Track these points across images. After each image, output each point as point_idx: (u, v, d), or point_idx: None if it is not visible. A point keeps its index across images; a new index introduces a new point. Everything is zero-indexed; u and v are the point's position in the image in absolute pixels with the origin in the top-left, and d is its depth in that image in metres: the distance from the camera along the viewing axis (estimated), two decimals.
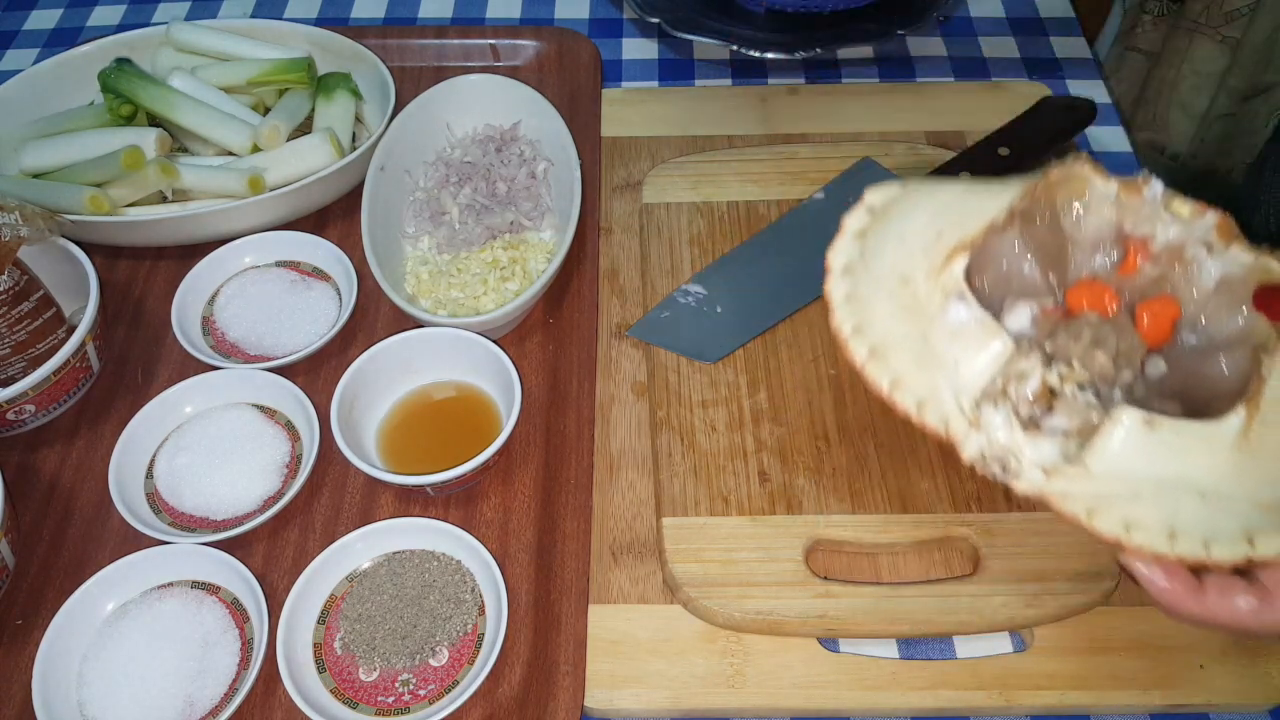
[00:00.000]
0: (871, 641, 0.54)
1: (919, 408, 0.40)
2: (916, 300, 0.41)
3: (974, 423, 0.39)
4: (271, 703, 0.53)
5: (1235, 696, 0.51)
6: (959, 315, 0.40)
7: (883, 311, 0.42)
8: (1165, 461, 0.37)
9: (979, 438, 0.39)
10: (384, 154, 0.70)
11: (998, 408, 0.39)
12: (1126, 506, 0.37)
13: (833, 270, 0.44)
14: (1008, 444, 0.38)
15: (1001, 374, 0.39)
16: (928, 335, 0.40)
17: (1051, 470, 0.38)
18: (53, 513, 0.60)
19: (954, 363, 0.39)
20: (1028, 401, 0.38)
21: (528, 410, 0.63)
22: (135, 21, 0.94)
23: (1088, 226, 0.42)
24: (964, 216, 0.41)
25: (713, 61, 0.87)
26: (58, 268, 0.65)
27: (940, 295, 0.40)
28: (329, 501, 0.60)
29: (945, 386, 0.40)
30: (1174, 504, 0.36)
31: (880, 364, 0.41)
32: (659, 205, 0.72)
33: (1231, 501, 0.36)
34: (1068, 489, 0.38)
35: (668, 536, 0.56)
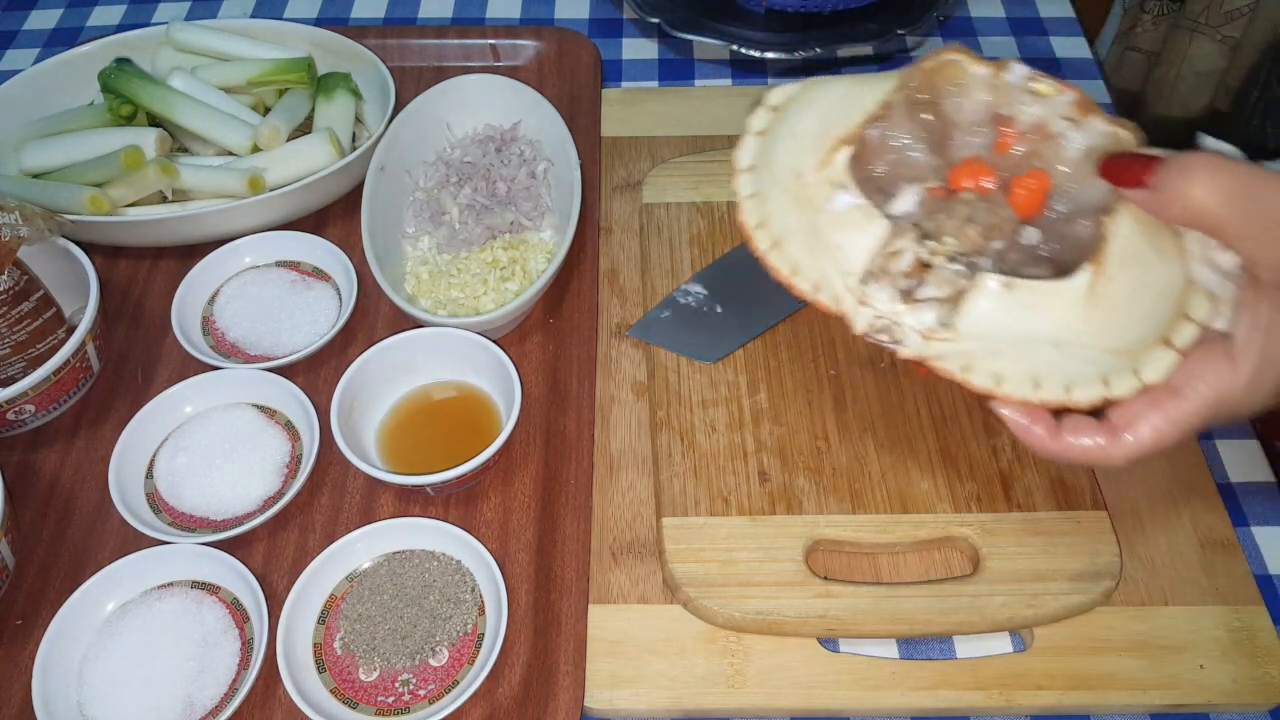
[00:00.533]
0: (871, 641, 0.54)
1: (815, 289, 0.45)
2: (806, 193, 0.45)
3: (861, 299, 0.43)
4: (271, 703, 0.53)
5: (1235, 696, 0.51)
6: (842, 203, 0.44)
7: (780, 205, 0.46)
8: (1024, 319, 0.41)
9: (866, 312, 0.43)
10: (384, 154, 0.70)
11: (879, 284, 0.43)
12: (993, 361, 0.41)
13: (738, 169, 0.48)
14: (890, 315, 0.43)
15: (881, 253, 0.43)
16: (816, 225, 0.44)
17: (929, 335, 0.42)
18: (53, 513, 0.60)
19: (839, 246, 0.44)
20: (903, 275, 0.42)
21: (528, 410, 0.63)
22: (135, 21, 0.94)
23: (965, 110, 0.46)
24: (848, 111, 0.45)
25: (713, 61, 0.87)
26: (58, 268, 0.65)
27: (826, 187, 0.44)
28: (329, 501, 0.60)
29: (834, 269, 0.44)
30: (1034, 356, 0.41)
31: (780, 253, 0.46)
32: (659, 205, 0.72)
33: (1085, 349, 0.41)
34: (944, 351, 0.42)
35: (668, 536, 0.56)
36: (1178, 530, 0.57)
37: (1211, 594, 0.54)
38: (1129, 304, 0.41)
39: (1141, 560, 0.56)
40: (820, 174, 0.44)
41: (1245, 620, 0.53)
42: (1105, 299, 0.41)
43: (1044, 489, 0.57)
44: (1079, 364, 0.41)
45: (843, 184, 0.44)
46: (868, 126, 0.45)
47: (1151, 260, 0.41)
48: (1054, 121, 0.44)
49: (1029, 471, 0.58)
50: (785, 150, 0.46)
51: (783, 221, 0.46)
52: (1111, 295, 0.41)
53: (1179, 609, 0.54)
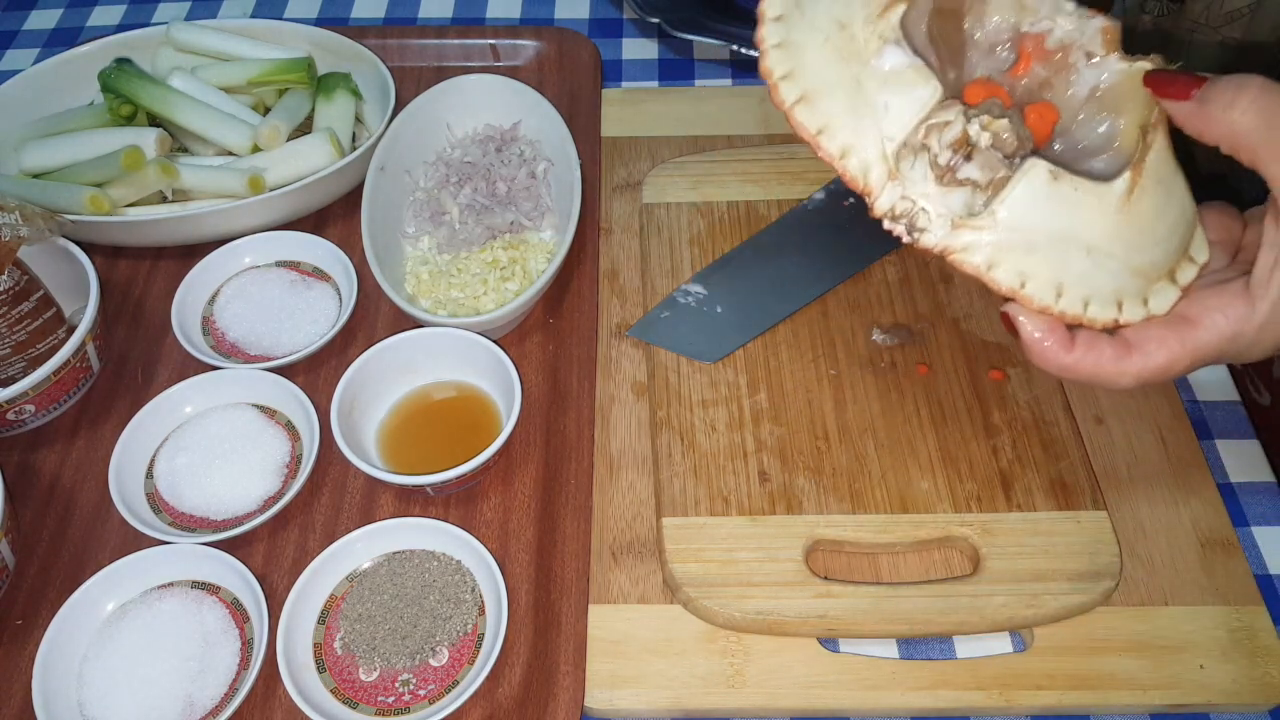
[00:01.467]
0: (871, 641, 0.54)
1: (842, 153, 0.40)
2: (853, 46, 0.41)
3: (892, 174, 0.40)
4: (271, 703, 0.53)
5: (1235, 696, 0.51)
6: (894, 58, 0.40)
7: (817, 58, 0.42)
8: (1063, 215, 0.39)
9: (894, 190, 0.40)
10: (384, 154, 0.70)
11: (916, 159, 0.40)
12: (1023, 259, 0.39)
13: (765, 17, 0.44)
14: (919, 196, 0.40)
15: (926, 121, 0.39)
16: (861, 80, 0.40)
17: (958, 223, 0.39)
18: (53, 513, 0.60)
19: (884, 107, 0.40)
20: (948, 149, 0.39)
21: (528, 410, 0.63)
22: (135, 21, 0.94)
23: (990, 24, 0.44)
24: None
25: (713, 61, 0.87)
26: (58, 268, 0.65)
27: (877, 40, 0.40)
28: (329, 501, 0.60)
29: (871, 134, 0.40)
30: (1064, 258, 0.39)
31: (809, 108, 0.41)
32: (659, 205, 0.72)
33: (1111, 260, 0.39)
34: (971, 241, 0.39)
35: (668, 536, 0.56)
36: (1178, 530, 0.57)
37: (1211, 594, 0.54)
38: (1153, 223, 0.40)
39: (1141, 560, 0.56)
40: (871, 27, 0.40)
41: (1245, 620, 0.53)
42: (1136, 211, 0.40)
43: (1044, 489, 0.57)
44: (1104, 278, 0.40)
45: (897, 38, 0.40)
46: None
47: (1173, 186, 0.40)
48: (1074, 51, 0.42)
49: (1029, 471, 0.58)
50: (828, 2, 0.42)
51: (818, 74, 0.41)
52: (1141, 209, 0.40)
53: (1179, 609, 0.54)
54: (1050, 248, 0.39)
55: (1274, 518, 0.59)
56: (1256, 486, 0.61)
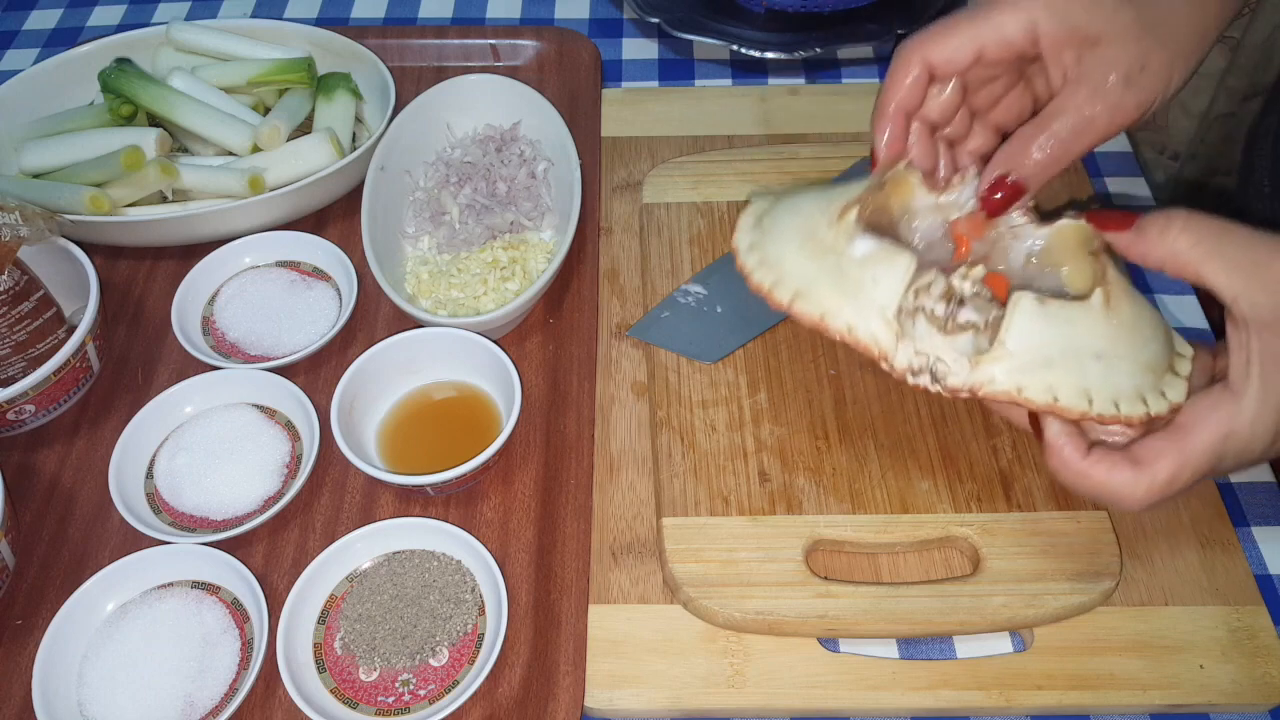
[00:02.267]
0: (871, 641, 0.54)
1: (849, 330, 0.45)
2: (824, 245, 0.46)
3: (899, 333, 0.44)
4: (271, 703, 0.53)
5: (1235, 696, 0.51)
6: (865, 244, 0.45)
7: (796, 262, 0.47)
8: (1064, 332, 0.42)
9: (906, 347, 0.44)
10: (384, 154, 0.71)
11: (915, 319, 0.44)
12: (1045, 375, 0.42)
13: (739, 247, 0.50)
14: (931, 347, 0.43)
15: (912, 286, 0.44)
16: (843, 268, 0.45)
17: (975, 360, 0.43)
18: (53, 513, 0.60)
19: (872, 281, 0.44)
20: (940, 302, 0.43)
21: (528, 410, 0.63)
22: (135, 21, 0.94)
23: (922, 226, 0.49)
24: (832, 201, 0.48)
25: (713, 61, 0.87)
26: (58, 268, 0.65)
27: (845, 236, 0.45)
28: (329, 501, 0.60)
29: (868, 307, 0.44)
30: (1080, 368, 0.42)
31: (806, 301, 0.46)
32: (659, 205, 0.72)
33: (1121, 361, 0.43)
34: (993, 373, 0.42)
35: (668, 536, 0.56)
36: (1178, 530, 0.57)
37: (1211, 594, 0.54)
38: (1139, 323, 0.44)
39: (1141, 560, 0.56)
40: (835, 229, 0.46)
41: (1245, 620, 0.53)
42: (1121, 317, 0.43)
43: (1044, 489, 0.57)
44: (1121, 378, 0.42)
45: (861, 230, 0.45)
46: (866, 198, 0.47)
47: (1136, 295, 0.45)
48: (1001, 226, 0.48)
49: (1029, 471, 0.58)
50: (788, 222, 0.48)
51: (803, 274, 0.47)
52: (1124, 314, 0.43)
53: (1179, 609, 0.54)
54: (1065, 361, 0.42)
55: (1274, 518, 0.59)
56: (1256, 486, 0.60)
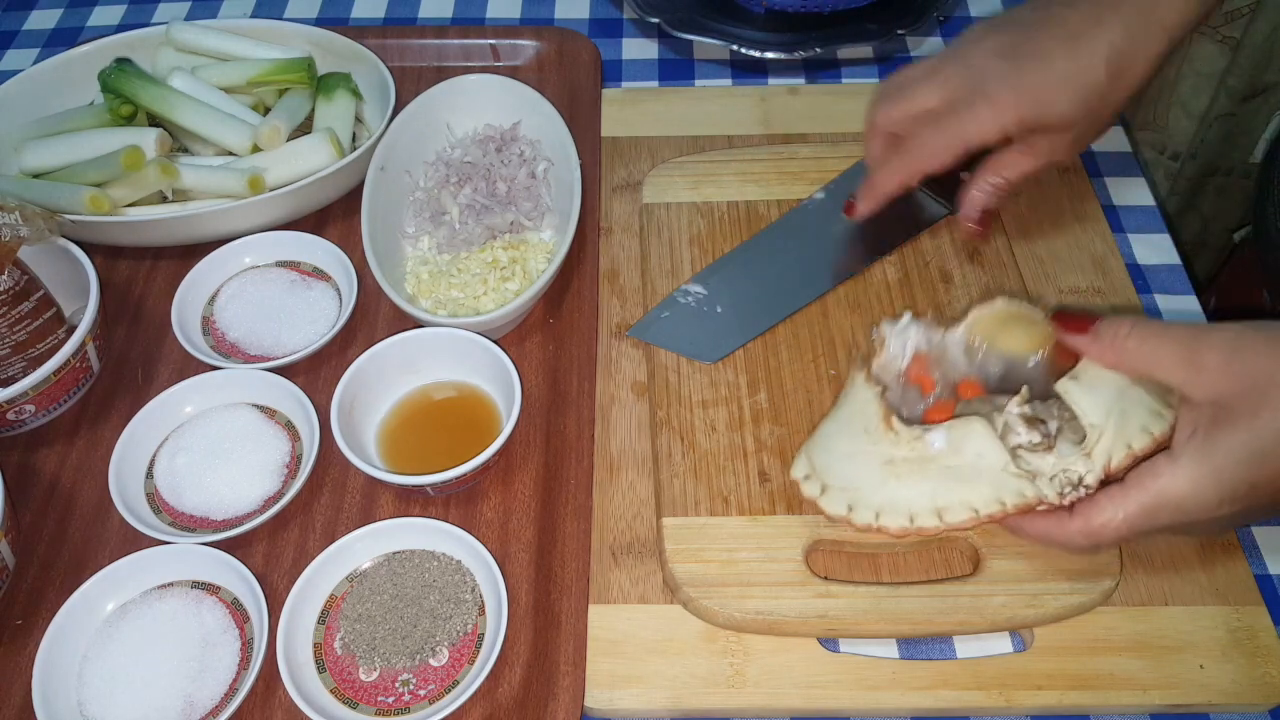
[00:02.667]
0: (871, 641, 0.54)
1: (976, 513, 0.49)
2: (908, 460, 0.50)
3: (1033, 476, 0.48)
4: (271, 703, 0.53)
5: (1235, 696, 0.51)
6: (938, 438, 0.49)
7: (885, 491, 0.51)
8: (1103, 387, 0.48)
9: (1045, 482, 0.47)
10: (384, 154, 0.71)
11: (1019, 458, 0.48)
12: (1127, 426, 0.47)
13: (804, 491, 0.54)
14: (1053, 468, 0.47)
15: (1001, 438, 0.48)
16: (942, 472, 0.49)
17: (1089, 446, 0.47)
18: (53, 513, 0.60)
19: (976, 458, 0.48)
20: (1031, 433, 0.48)
21: (528, 410, 0.63)
22: (135, 21, 0.94)
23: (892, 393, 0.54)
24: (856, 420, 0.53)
25: (713, 61, 0.87)
26: (58, 268, 0.65)
27: (909, 445, 0.50)
28: (329, 501, 0.60)
29: (987, 479, 0.48)
30: (1128, 412, 0.47)
31: (954, 512, 0.49)
32: (659, 205, 0.72)
33: (1142, 400, 0.48)
34: (1107, 449, 0.47)
35: (668, 536, 0.56)
36: None
37: (1211, 594, 0.54)
38: (1120, 376, 0.49)
39: (1141, 560, 0.56)
40: (895, 437, 0.50)
41: (1245, 620, 0.53)
42: (1099, 377, 0.48)
43: None
44: (1145, 413, 0.47)
45: (918, 433, 0.50)
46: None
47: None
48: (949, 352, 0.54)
49: None
50: (841, 455, 0.52)
51: (891, 493, 0.50)
52: (1098, 375, 0.48)
53: (1179, 609, 0.54)
54: (1123, 406, 0.47)
55: (1274, 517, 0.59)
56: None
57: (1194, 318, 0.68)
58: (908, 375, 0.54)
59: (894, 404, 0.53)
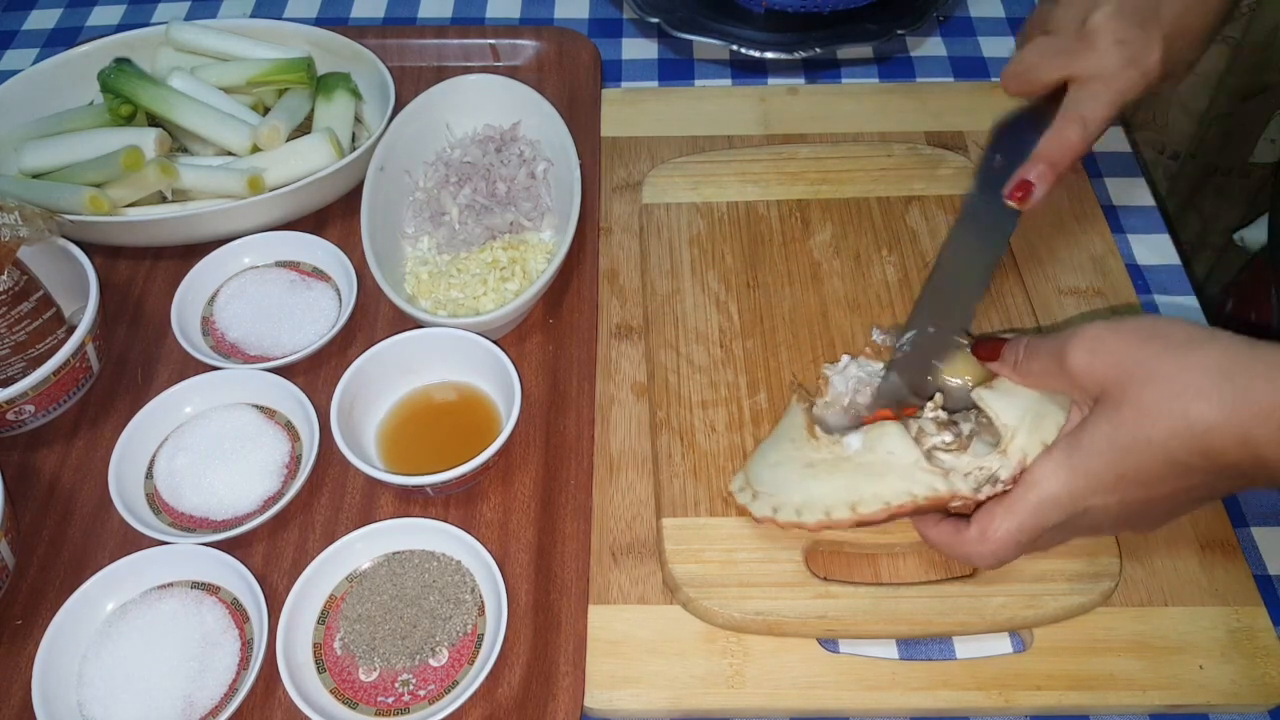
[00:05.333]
0: (871, 642, 0.54)
1: (888, 505, 0.49)
2: (826, 462, 0.52)
3: (946, 472, 0.49)
4: (271, 703, 0.53)
5: (1235, 697, 0.51)
6: (854, 440, 0.51)
7: (806, 490, 0.52)
8: (1017, 395, 0.49)
9: (958, 478, 0.49)
10: (384, 154, 0.71)
11: (933, 457, 0.50)
12: (1040, 426, 0.48)
13: (744, 503, 0.55)
14: (968, 465, 0.49)
15: (914, 439, 0.50)
16: (855, 469, 0.51)
17: (1004, 445, 0.48)
18: (53, 513, 0.60)
19: (888, 455, 0.50)
20: (944, 433, 0.50)
21: (528, 411, 0.63)
22: (135, 21, 0.94)
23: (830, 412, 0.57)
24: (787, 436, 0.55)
25: (713, 61, 0.87)
26: (58, 268, 0.65)
27: (828, 447, 0.52)
28: (329, 501, 0.60)
29: (900, 474, 0.49)
30: (1048, 412, 0.48)
31: (869, 506, 0.50)
32: (659, 205, 0.72)
33: (1056, 406, 0.49)
34: (1022, 447, 0.47)
35: (668, 537, 0.56)
36: (1177, 530, 0.57)
37: (1211, 594, 0.54)
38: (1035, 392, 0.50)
39: (1141, 560, 0.56)
40: (814, 444, 0.52)
41: (1245, 621, 0.53)
42: (1015, 390, 0.50)
43: None
44: (1060, 414, 0.48)
45: (836, 437, 0.52)
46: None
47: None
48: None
49: None
50: (783, 471, 0.54)
51: (811, 492, 0.52)
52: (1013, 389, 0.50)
53: (1179, 609, 0.54)
54: (1039, 414, 0.48)
55: (1274, 518, 0.59)
56: None
57: (1194, 317, 0.68)
58: (864, 420, 0.55)
59: (829, 424, 0.55)
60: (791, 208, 0.72)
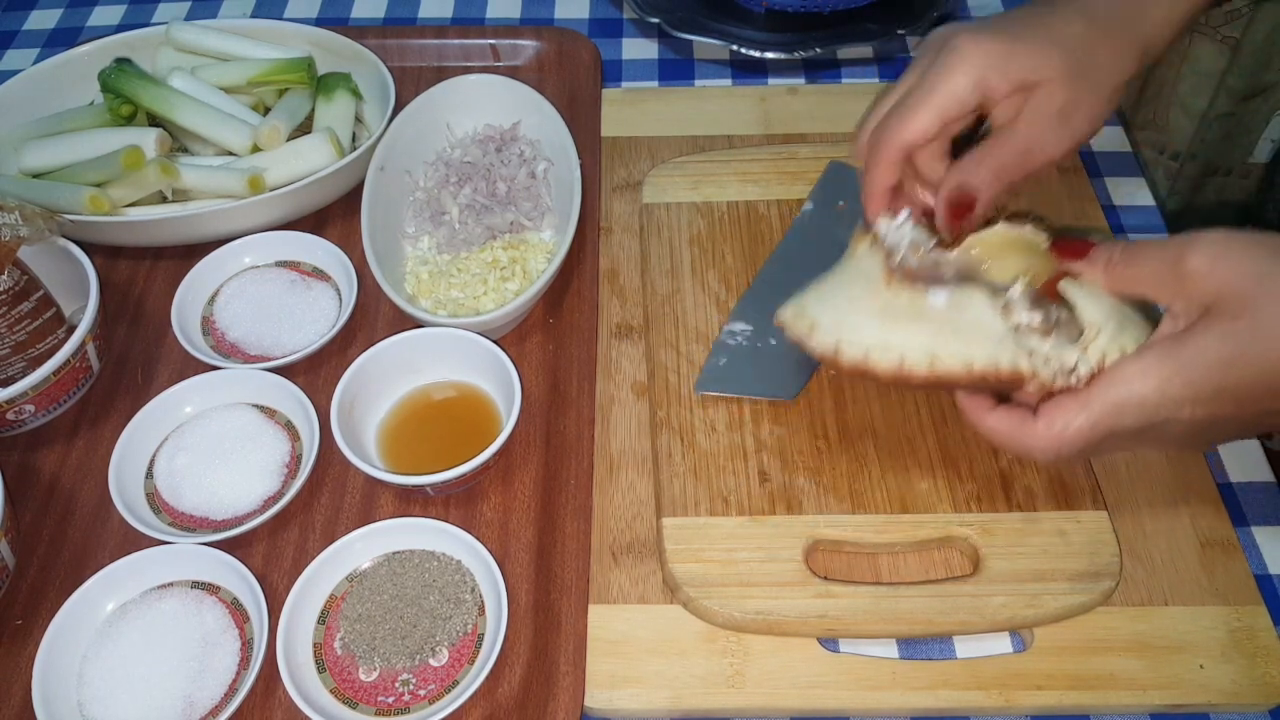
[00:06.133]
0: (871, 641, 0.54)
1: (970, 366, 0.47)
2: (898, 308, 0.48)
3: (1029, 352, 0.46)
4: (271, 703, 0.53)
5: (1235, 696, 0.51)
6: (939, 298, 0.48)
7: (876, 331, 0.49)
8: (1105, 301, 0.47)
9: (1039, 360, 0.46)
10: (384, 154, 0.71)
11: (1018, 334, 0.46)
12: (1123, 334, 0.46)
13: (802, 334, 0.52)
14: (1048, 351, 0.46)
15: (1000, 310, 0.47)
16: (938, 324, 0.48)
17: (1089, 339, 0.46)
18: (53, 513, 0.60)
19: (974, 321, 0.47)
20: (1034, 313, 0.46)
21: (528, 410, 0.63)
22: (135, 21, 0.94)
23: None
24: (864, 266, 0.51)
25: (713, 61, 0.87)
26: (58, 268, 0.65)
27: (908, 296, 0.48)
28: (329, 501, 0.60)
29: (981, 341, 0.47)
30: (1128, 321, 0.47)
31: (915, 354, 0.48)
32: (659, 205, 0.72)
33: (1138, 317, 0.47)
34: (1102, 347, 0.46)
35: (668, 536, 0.56)
36: (1178, 530, 0.57)
37: (1211, 594, 0.54)
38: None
39: (1141, 560, 0.56)
40: (903, 298, 0.48)
41: (1245, 620, 0.53)
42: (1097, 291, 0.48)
43: (1044, 489, 0.57)
44: (1142, 322, 0.47)
45: (922, 289, 0.48)
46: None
47: None
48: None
49: (1029, 471, 0.58)
50: (855, 314, 0.50)
51: (924, 345, 0.48)
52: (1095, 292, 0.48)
53: (1179, 609, 0.54)
54: (1125, 319, 0.47)
55: (1274, 518, 0.59)
56: (1256, 486, 0.60)
57: None
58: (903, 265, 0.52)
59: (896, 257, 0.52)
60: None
